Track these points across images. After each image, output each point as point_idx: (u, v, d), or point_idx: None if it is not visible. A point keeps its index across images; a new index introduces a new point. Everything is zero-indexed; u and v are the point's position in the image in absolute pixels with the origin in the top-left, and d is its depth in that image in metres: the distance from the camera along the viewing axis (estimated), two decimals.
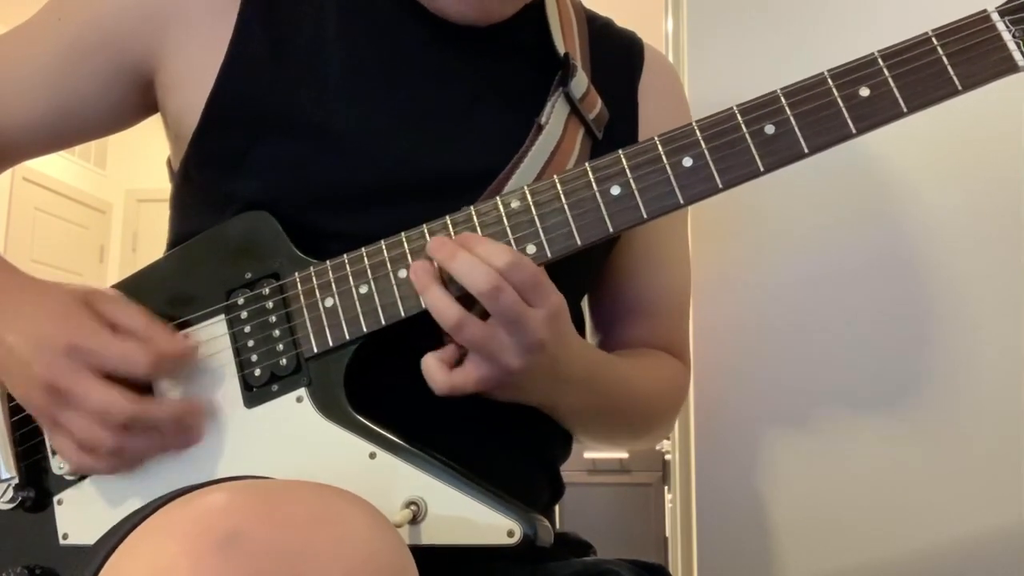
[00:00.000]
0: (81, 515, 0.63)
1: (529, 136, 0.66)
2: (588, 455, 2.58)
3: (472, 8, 0.66)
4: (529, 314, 0.56)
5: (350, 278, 0.60)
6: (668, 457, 1.56)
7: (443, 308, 0.56)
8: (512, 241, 0.58)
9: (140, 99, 0.71)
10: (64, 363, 0.57)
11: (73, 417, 0.58)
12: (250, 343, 0.62)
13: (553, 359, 0.58)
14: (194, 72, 0.67)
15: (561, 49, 0.70)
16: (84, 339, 0.57)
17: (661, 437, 0.90)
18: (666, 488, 2.42)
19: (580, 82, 0.69)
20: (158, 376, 0.60)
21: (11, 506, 0.65)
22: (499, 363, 0.57)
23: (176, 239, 0.69)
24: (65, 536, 0.63)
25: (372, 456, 0.57)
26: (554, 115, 0.67)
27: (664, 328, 0.78)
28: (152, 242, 4.39)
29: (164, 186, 0.74)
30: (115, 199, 4.74)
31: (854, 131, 0.55)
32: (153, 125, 0.76)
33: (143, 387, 0.60)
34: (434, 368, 0.57)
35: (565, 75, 0.68)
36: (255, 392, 0.61)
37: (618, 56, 0.77)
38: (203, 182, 0.68)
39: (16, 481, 0.64)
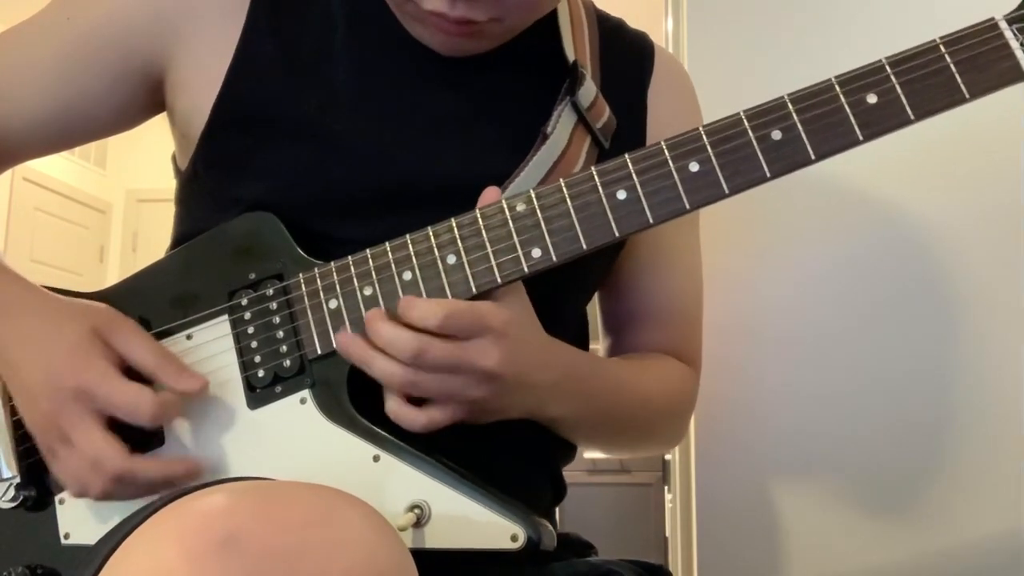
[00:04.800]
0: (82, 515, 0.63)
1: (534, 145, 0.65)
2: (588, 455, 2.58)
3: (444, 48, 0.66)
4: (469, 351, 0.56)
5: (354, 280, 0.60)
6: (668, 457, 1.56)
7: (391, 373, 0.57)
8: (517, 244, 0.58)
9: (148, 99, 0.71)
10: (70, 404, 0.58)
11: (68, 456, 0.59)
12: (253, 344, 0.62)
13: (514, 376, 0.58)
14: (202, 74, 0.67)
15: (571, 56, 0.70)
16: (93, 383, 0.58)
17: (668, 444, 0.89)
18: (666, 488, 2.42)
19: (588, 91, 0.68)
20: (161, 423, 0.60)
21: (12, 505, 0.64)
22: (463, 400, 0.57)
23: (181, 237, 0.69)
24: (67, 536, 0.63)
25: (376, 459, 0.57)
26: (560, 124, 0.66)
27: (673, 334, 0.78)
28: (152, 242, 4.39)
29: (164, 186, 0.74)
30: (115, 199, 4.73)
31: (861, 138, 0.54)
32: (153, 125, 0.76)
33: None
34: (405, 411, 0.57)
35: (573, 84, 0.68)
36: (258, 393, 0.61)
37: (628, 60, 0.76)
38: (210, 182, 0.68)
39: (17, 480, 0.64)
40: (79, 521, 0.63)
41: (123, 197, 4.74)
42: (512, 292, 0.60)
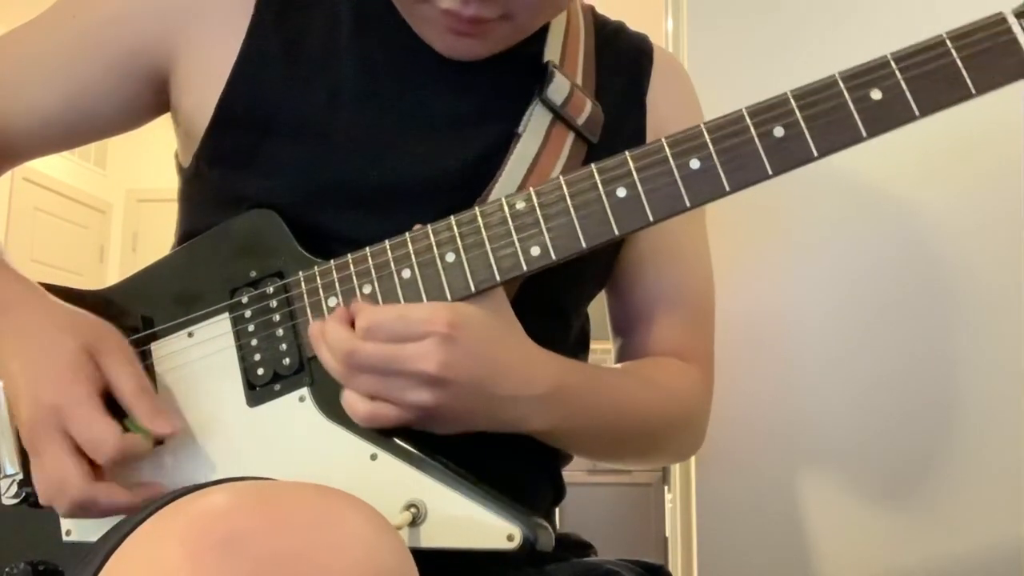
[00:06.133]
0: None
1: (511, 146, 0.66)
2: None
3: (450, 50, 0.66)
4: (405, 353, 0.55)
5: (354, 278, 0.60)
6: None
7: (330, 366, 0.58)
8: (516, 242, 0.58)
9: (153, 97, 0.71)
10: (45, 420, 0.58)
11: (40, 470, 0.59)
12: (253, 342, 0.62)
13: (469, 383, 0.56)
14: (207, 70, 0.67)
15: (554, 58, 0.70)
16: (68, 406, 0.58)
17: (679, 456, 0.87)
18: (666, 488, 2.42)
19: (559, 87, 0.68)
20: (122, 466, 0.59)
21: (15, 501, 0.64)
22: (406, 404, 0.56)
23: (186, 234, 0.69)
24: (68, 532, 0.64)
25: (373, 457, 0.57)
26: (532, 123, 0.66)
27: (679, 328, 0.75)
28: (152, 242, 4.39)
29: (164, 186, 0.75)
30: (115, 199, 4.74)
31: (865, 134, 0.54)
32: (154, 125, 0.76)
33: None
34: (351, 399, 0.57)
35: (541, 82, 0.68)
36: (258, 391, 0.61)
37: (627, 60, 0.76)
38: (213, 179, 0.68)
39: (20, 476, 0.64)
40: (80, 518, 0.63)
41: (123, 197, 4.75)
42: (487, 300, 0.59)
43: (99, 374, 0.60)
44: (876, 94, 0.54)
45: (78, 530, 0.63)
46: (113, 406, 0.59)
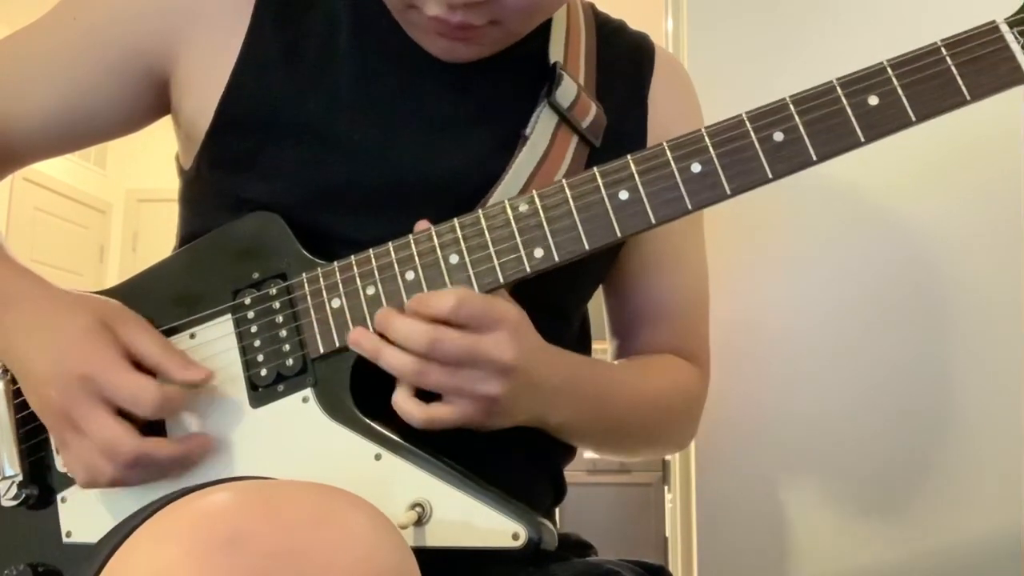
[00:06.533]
0: (84, 513, 0.64)
1: (517, 148, 0.66)
2: (588, 455, 2.58)
3: (444, 54, 0.66)
4: (484, 343, 0.56)
5: (357, 279, 0.60)
6: (668, 457, 1.56)
7: (400, 364, 0.57)
8: (520, 244, 0.58)
9: (154, 99, 0.71)
10: (78, 392, 0.58)
11: (81, 444, 0.59)
12: (256, 343, 0.62)
13: (527, 373, 0.58)
14: (208, 73, 0.67)
15: (558, 58, 0.70)
16: (99, 371, 0.58)
17: (676, 447, 0.88)
18: (666, 488, 2.42)
19: (567, 90, 0.68)
20: (164, 415, 0.60)
21: (15, 503, 0.65)
22: (475, 396, 0.57)
23: (188, 236, 0.69)
24: (68, 534, 0.64)
25: (377, 457, 0.57)
26: (539, 126, 0.67)
27: (678, 331, 0.77)
28: (152, 242, 4.39)
29: (164, 186, 0.75)
30: (115, 199, 4.73)
31: (863, 139, 0.54)
32: (153, 125, 0.76)
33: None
34: (408, 405, 0.58)
35: (550, 85, 0.68)
36: (261, 392, 0.62)
37: (628, 60, 0.76)
38: (214, 181, 0.68)
39: (20, 478, 0.65)
40: (81, 519, 0.64)
41: (123, 197, 4.74)
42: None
43: (119, 343, 0.60)
44: (873, 100, 0.55)
45: (78, 532, 0.64)
46: None
